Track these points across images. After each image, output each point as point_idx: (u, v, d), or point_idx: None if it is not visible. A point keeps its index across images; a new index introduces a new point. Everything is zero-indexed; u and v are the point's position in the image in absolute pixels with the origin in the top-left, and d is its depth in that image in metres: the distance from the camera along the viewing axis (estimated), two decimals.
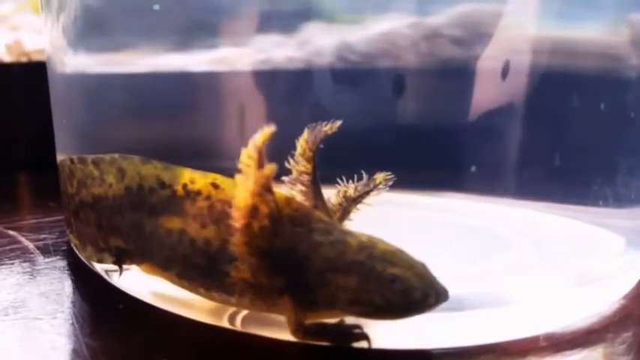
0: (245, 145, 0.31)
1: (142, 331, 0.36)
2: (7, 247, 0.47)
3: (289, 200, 0.33)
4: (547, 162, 0.36)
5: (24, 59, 0.68)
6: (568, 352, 0.35)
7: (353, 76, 0.35)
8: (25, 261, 0.45)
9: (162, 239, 0.35)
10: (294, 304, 0.32)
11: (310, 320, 0.32)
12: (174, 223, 0.35)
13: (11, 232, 0.49)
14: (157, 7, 0.36)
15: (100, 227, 0.39)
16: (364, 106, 0.35)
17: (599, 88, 0.37)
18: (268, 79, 0.36)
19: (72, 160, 0.41)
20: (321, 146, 0.34)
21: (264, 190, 0.31)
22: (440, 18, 0.34)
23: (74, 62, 0.43)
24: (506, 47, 0.34)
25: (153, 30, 0.38)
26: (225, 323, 0.35)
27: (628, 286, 0.40)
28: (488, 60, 0.34)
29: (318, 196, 0.34)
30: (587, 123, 0.37)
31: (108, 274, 0.40)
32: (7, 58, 0.68)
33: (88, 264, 0.41)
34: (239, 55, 0.36)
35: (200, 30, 0.36)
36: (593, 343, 0.36)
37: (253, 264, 0.32)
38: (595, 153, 0.37)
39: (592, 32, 0.36)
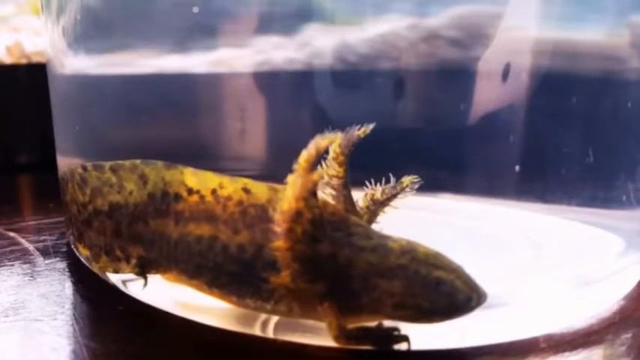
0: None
1: (141, 333, 0.36)
2: (7, 249, 0.47)
3: (327, 204, 0.33)
4: (547, 164, 0.36)
5: (24, 61, 0.68)
6: (568, 354, 0.35)
7: (352, 78, 0.35)
8: (25, 262, 0.45)
9: (191, 247, 0.34)
10: (336, 309, 0.32)
11: (351, 325, 0.32)
12: (204, 229, 0.34)
13: (11, 234, 0.49)
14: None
15: (119, 236, 0.38)
16: (363, 108, 0.35)
17: (600, 90, 0.37)
18: (268, 81, 0.36)
19: (85, 168, 0.39)
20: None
21: (310, 194, 0.31)
22: (438, 19, 0.34)
23: (74, 64, 0.43)
24: (505, 49, 0.34)
25: (153, 31, 0.38)
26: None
27: (627, 288, 0.40)
28: (487, 62, 0.34)
29: (348, 200, 0.34)
30: (586, 125, 0.37)
31: (125, 285, 0.39)
32: (8, 60, 0.68)
33: (102, 275, 0.40)
34: (239, 56, 0.36)
35: (200, 31, 0.37)
36: (592, 344, 0.36)
37: (295, 270, 0.31)
38: (595, 155, 0.37)
39: (592, 34, 0.36)
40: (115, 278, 0.40)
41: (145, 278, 0.37)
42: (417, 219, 0.39)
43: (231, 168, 0.36)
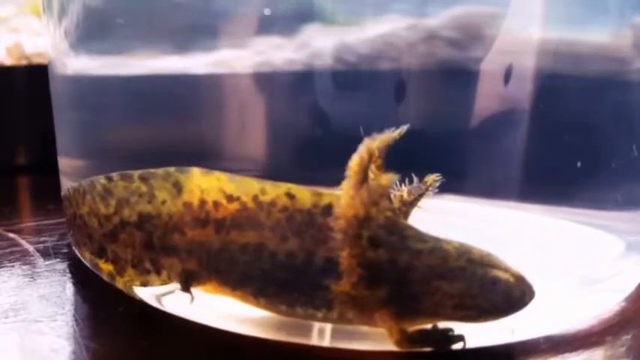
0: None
1: (142, 334, 0.36)
2: (7, 250, 0.47)
3: None
4: (547, 165, 0.36)
5: (24, 62, 0.68)
6: (568, 355, 0.35)
7: (352, 78, 0.35)
8: (25, 263, 0.44)
9: (236, 256, 0.34)
10: (394, 314, 0.32)
11: (409, 328, 0.32)
12: (248, 237, 0.33)
13: (11, 235, 0.49)
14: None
15: (150, 248, 0.36)
16: (363, 108, 0.35)
17: (601, 92, 0.37)
18: (268, 81, 0.36)
19: (109, 178, 0.38)
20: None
21: (381, 199, 0.31)
22: (438, 20, 0.34)
23: (76, 65, 0.43)
24: (506, 50, 0.34)
25: (154, 32, 0.38)
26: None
27: (628, 289, 0.40)
28: (488, 63, 0.34)
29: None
30: (587, 126, 0.37)
31: (159, 300, 0.37)
32: (8, 61, 0.68)
33: (126, 291, 0.39)
34: (239, 57, 0.36)
35: (200, 32, 0.37)
36: (593, 345, 0.36)
37: (359, 276, 0.31)
38: (595, 156, 0.37)
39: (595, 35, 0.36)
40: (144, 294, 0.38)
41: (191, 292, 0.35)
42: (418, 220, 0.39)
43: (233, 168, 0.36)
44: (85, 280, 0.41)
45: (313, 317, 0.33)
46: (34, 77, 0.61)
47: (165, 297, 0.37)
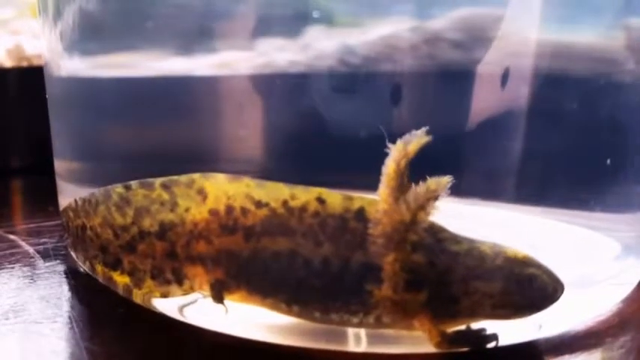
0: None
1: (142, 336, 0.36)
2: (7, 252, 0.47)
3: None
4: (543, 166, 0.36)
5: (24, 64, 0.68)
6: (567, 357, 0.35)
7: (355, 80, 0.35)
8: (25, 265, 0.45)
9: (267, 263, 0.33)
10: (434, 316, 0.32)
11: (446, 329, 0.33)
12: (280, 244, 0.33)
13: (11, 237, 0.49)
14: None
15: (172, 257, 0.35)
16: (365, 110, 0.35)
17: (597, 93, 0.37)
18: (270, 83, 0.36)
19: (128, 187, 0.37)
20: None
21: (428, 203, 0.31)
22: (441, 22, 0.34)
23: (72, 67, 0.43)
24: (506, 52, 0.34)
25: (152, 35, 0.38)
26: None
27: (625, 291, 0.40)
28: (488, 64, 0.34)
29: None
30: (583, 128, 0.37)
31: (181, 312, 0.36)
32: (8, 63, 0.68)
33: (144, 304, 0.38)
34: (241, 58, 0.36)
35: (201, 34, 0.36)
36: (591, 347, 0.36)
37: (402, 280, 0.31)
38: (591, 158, 0.37)
39: (588, 36, 0.37)
40: (164, 306, 0.37)
41: (223, 303, 0.34)
42: None
43: (233, 170, 0.36)
44: (85, 282, 0.41)
45: (348, 323, 0.33)
46: (34, 79, 0.61)
47: (187, 307, 0.36)
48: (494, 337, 0.33)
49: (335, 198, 0.33)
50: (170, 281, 0.36)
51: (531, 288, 0.32)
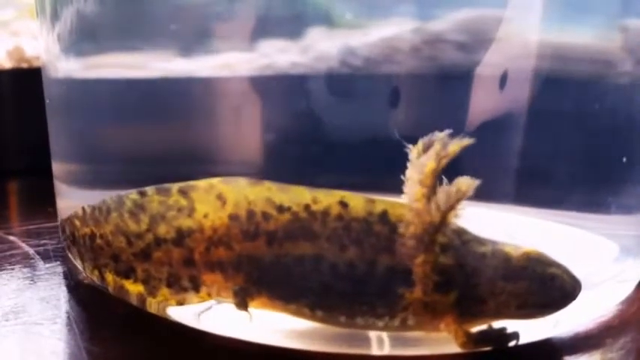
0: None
1: (142, 337, 0.36)
2: (8, 253, 0.47)
3: None
4: (541, 168, 0.36)
5: (24, 65, 0.68)
6: (567, 358, 0.35)
7: (356, 81, 0.35)
8: (25, 266, 0.45)
9: (290, 268, 0.33)
10: (460, 316, 0.32)
11: (471, 329, 0.33)
12: (304, 248, 0.32)
13: (11, 238, 0.50)
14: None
15: (190, 264, 0.35)
16: (367, 112, 0.35)
17: (595, 94, 0.37)
18: (271, 84, 0.36)
19: (142, 193, 0.36)
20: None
21: (458, 204, 0.31)
22: (444, 23, 0.34)
23: (69, 68, 0.42)
24: (507, 53, 0.34)
25: (151, 36, 0.38)
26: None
27: (625, 292, 0.40)
28: (489, 66, 0.34)
29: None
30: (582, 130, 0.37)
31: (198, 319, 0.36)
32: (8, 64, 0.68)
33: (159, 313, 0.37)
34: (241, 60, 0.36)
35: (201, 35, 0.36)
36: (592, 348, 0.36)
37: (431, 282, 0.31)
38: (589, 160, 0.37)
39: (585, 37, 0.37)
40: (179, 315, 0.36)
41: (248, 310, 0.34)
42: None
43: (232, 172, 0.36)
44: (85, 283, 0.41)
45: (373, 326, 0.33)
46: (35, 80, 0.61)
47: (204, 314, 0.36)
48: (516, 335, 0.33)
49: (357, 201, 0.32)
50: (187, 289, 0.35)
51: (553, 287, 0.33)
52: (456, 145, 0.31)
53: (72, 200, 0.45)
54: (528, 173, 0.36)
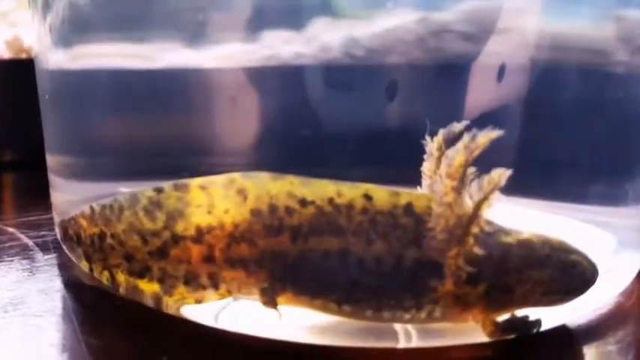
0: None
1: (141, 329, 0.36)
2: (7, 244, 0.47)
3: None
4: (539, 159, 0.36)
5: (23, 56, 0.68)
6: (565, 350, 0.35)
7: (360, 72, 0.35)
8: (24, 258, 0.45)
9: (317, 264, 0.32)
10: (488, 306, 0.33)
11: (498, 318, 0.33)
12: (330, 243, 0.32)
13: (10, 229, 0.49)
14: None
15: (210, 261, 0.34)
16: (370, 103, 0.35)
17: (592, 86, 0.37)
18: (275, 75, 0.36)
19: (159, 190, 0.35)
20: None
21: (491, 195, 0.31)
22: (449, 13, 0.34)
23: (61, 59, 0.42)
24: (509, 44, 0.34)
25: (145, 26, 0.38)
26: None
27: (623, 285, 0.40)
28: (490, 57, 0.34)
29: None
30: (580, 121, 0.37)
31: (216, 318, 0.35)
32: (7, 55, 0.68)
33: (175, 313, 0.36)
34: (245, 51, 0.35)
35: (201, 26, 0.36)
36: (590, 340, 0.36)
37: (463, 274, 0.31)
38: (587, 151, 0.37)
39: (580, 27, 0.36)
40: (196, 314, 0.36)
41: (277, 308, 0.33)
42: None
43: (230, 163, 0.36)
44: (84, 275, 0.41)
45: (400, 320, 0.33)
46: (24, 70, 0.60)
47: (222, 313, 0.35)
48: (539, 322, 0.34)
49: (382, 194, 0.32)
50: (205, 286, 0.35)
51: (575, 274, 0.33)
52: (485, 137, 0.31)
53: (65, 193, 0.44)
54: (525, 164, 0.36)
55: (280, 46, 0.34)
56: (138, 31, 0.38)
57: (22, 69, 0.66)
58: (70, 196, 0.44)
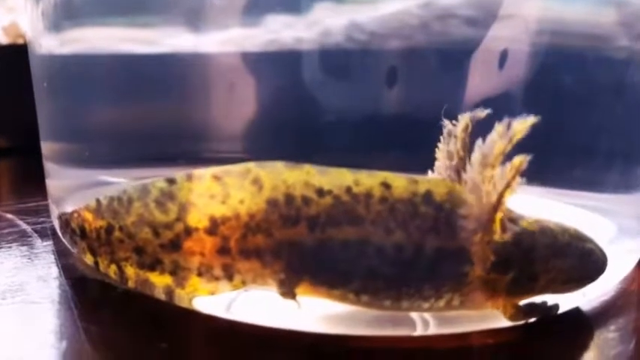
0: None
1: (141, 317, 0.36)
2: (5, 231, 0.47)
3: None
4: (540, 146, 0.36)
5: (20, 41, 0.67)
6: (567, 337, 0.35)
7: (362, 57, 0.35)
8: (23, 244, 0.44)
9: (335, 254, 0.32)
10: (510, 293, 0.33)
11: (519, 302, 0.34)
12: (348, 232, 0.32)
13: (9, 216, 0.49)
14: None
15: (224, 252, 0.33)
16: (373, 88, 0.34)
17: (592, 71, 0.37)
18: (277, 60, 0.35)
19: (171, 181, 0.34)
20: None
21: (513, 181, 0.31)
22: None
23: (54, 45, 0.42)
24: (516, 28, 0.34)
25: (142, 11, 0.37)
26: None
27: (624, 272, 0.40)
28: (492, 43, 0.34)
29: None
30: (580, 108, 0.37)
31: (228, 309, 0.35)
32: (4, 40, 0.67)
33: (188, 305, 0.35)
34: (247, 35, 0.35)
35: (202, 10, 0.36)
36: (591, 329, 0.36)
37: (491, 262, 0.31)
38: (587, 138, 0.37)
39: (580, 12, 0.36)
40: (207, 306, 0.35)
41: (296, 299, 0.33)
42: None
43: (229, 150, 0.35)
44: (83, 262, 0.41)
45: (418, 308, 0.33)
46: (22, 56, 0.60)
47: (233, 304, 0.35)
48: (557, 306, 0.34)
49: (400, 182, 0.32)
50: (219, 277, 0.34)
51: (590, 261, 0.34)
52: (522, 124, 0.31)
53: (60, 180, 0.44)
54: (526, 151, 0.35)
55: (282, 30, 0.34)
56: (132, 16, 0.38)
57: (20, 54, 0.66)
58: (65, 183, 0.44)
